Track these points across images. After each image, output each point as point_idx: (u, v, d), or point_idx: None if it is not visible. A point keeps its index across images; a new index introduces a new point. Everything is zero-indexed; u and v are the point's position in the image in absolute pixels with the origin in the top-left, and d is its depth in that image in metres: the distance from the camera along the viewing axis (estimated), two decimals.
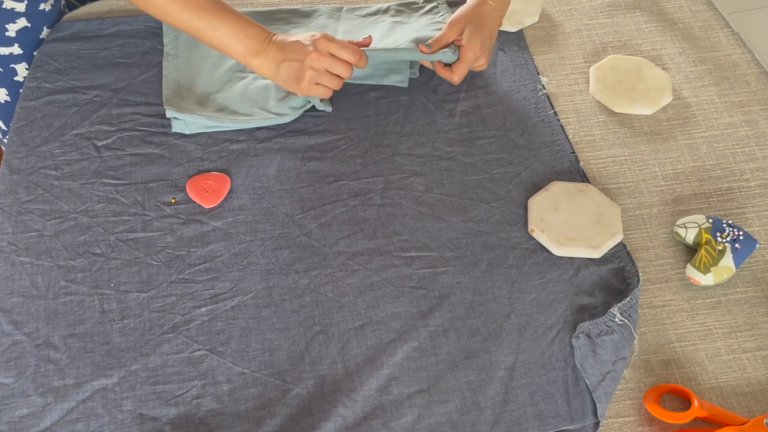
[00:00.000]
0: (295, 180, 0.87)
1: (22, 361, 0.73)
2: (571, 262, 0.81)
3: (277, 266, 0.80)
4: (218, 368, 0.73)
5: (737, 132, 0.94)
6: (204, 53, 0.98)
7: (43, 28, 1.01)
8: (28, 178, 0.87)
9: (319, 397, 0.72)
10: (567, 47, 1.03)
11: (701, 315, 0.78)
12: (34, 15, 0.98)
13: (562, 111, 0.95)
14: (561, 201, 0.85)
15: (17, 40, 0.98)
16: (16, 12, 0.96)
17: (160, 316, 0.76)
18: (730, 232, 0.80)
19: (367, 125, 0.93)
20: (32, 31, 0.99)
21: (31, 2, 0.97)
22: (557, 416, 0.71)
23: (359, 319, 0.77)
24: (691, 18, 1.06)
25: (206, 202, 0.85)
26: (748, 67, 1.01)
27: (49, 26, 1.01)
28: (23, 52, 1.00)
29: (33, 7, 0.98)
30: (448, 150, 0.90)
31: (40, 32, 1.00)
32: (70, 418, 0.70)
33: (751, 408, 0.72)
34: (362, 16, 1.04)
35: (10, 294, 0.78)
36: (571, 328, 0.76)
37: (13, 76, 1.01)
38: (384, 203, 0.85)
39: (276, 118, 0.91)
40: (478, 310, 0.77)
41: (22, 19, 0.97)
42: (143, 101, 0.94)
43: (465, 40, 0.90)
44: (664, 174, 0.89)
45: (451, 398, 0.72)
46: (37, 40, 1.00)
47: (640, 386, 0.73)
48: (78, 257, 0.80)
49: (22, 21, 0.97)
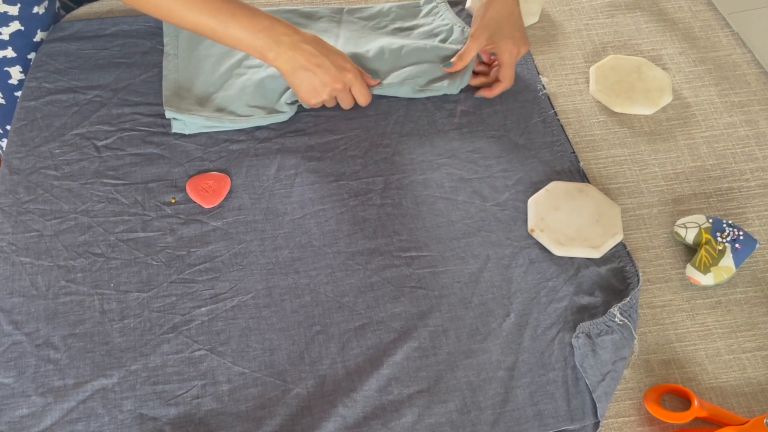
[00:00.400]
0: (295, 180, 0.87)
1: (22, 361, 0.73)
2: (571, 262, 0.81)
3: (277, 266, 0.80)
4: (218, 368, 0.73)
5: (737, 132, 0.94)
6: (204, 53, 0.99)
7: (37, 31, 1.00)
8: (28, 178, 0.87)
9: (319, 397, 0.72)
10: (567, 47, 1.03)
11: (701, 315, 0.78)
12: (28, 18, 0.98)
13: (562, 111, 0.95)
14: (561, 201, 0.85)
15: (11, 43, 0.98)
16: (9, 15, 0.96)
17: (160, 316, 0.76)
18: (730, 232, 0.80)
19: (367, 125, 0.93)
20: (26, 35, 0.99)
21: (25, 5, 0.97)
22: (557, 416, 0.71)
23: (359, 319, 0.77)
24: (691, 18, 1.06)
25: (206, 202, 0.85)
26: (748, 67, 1.01)
27: (43, 29, 1.01)
28: (17, 55, 1.00)
29: (26, 10, 0.97)
30: (448, 150, 0.90)
31: (34, 35, 1.00)
32: (70, 418, 0.70)
33: (751, 408, 0.72)
34: (363, 18, 1.04)
35: (10, 294, 0.78)
36: (571, 328, 0.76)
37: (6, 79, 1.01)
38: (384, 203, 0.85)
39: (274, 117, 0.91)
40: (478, 310, 0.77)
41: (15, 23, 0.97)
42: (143, 101, 0.94)
43: (496, 47, 0.92)
44: (664, 174, 0.89)
45: (451, 398, 0.72)
46: (31, 44, 1.00)
47: (640, 386, 0.73)
48: (78, 257, 0.80)
49: (16, 24, 0.97)
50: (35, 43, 1.01)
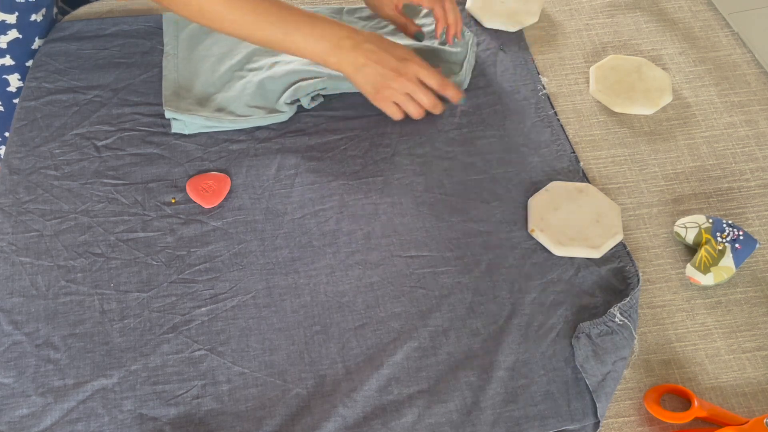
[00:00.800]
0: (295, 180, 0.87)
1: (22, 361, 0.73)
2: (571, 262, 0.81)
3: (276, 266, 0.80)
4: (218, 368, 0.73)
5: (737, 132, 0.94)
6: (204, 53, 0.99)
7: (35, 39, 1.00)
8: (28, 178, 0.87)
9: (319, 397, 0.72)
10: (567, 47, 1.03)
11: (701, 315, 0.78)
12: (26, 26, 0.98)
13: (562, 111, 0.95)
14: (561, 201, 0.85)
15: (9, 51, 0.98)
16: (7, 24, 0.96)
17: (160, 316, 0.76)
18: (730, 232, 0.80)
19: (367, 125, 0.93)
20: (24, 42, 0.99)
21: (23, 13, 0.97)
22: (557, 416, 0.71)
23: (359, 319, 0.77)
24: (691, 18, 1.06)
25: (206, 202, 0.85)
26: (748, 67, 1.01)
27: (41, 36, 1.01)
28: (15, 63, 1.00)
29: (24, 18, 0.97)
30: (448, 150, 0.90)
31: (32, 43, 1.00)
32: (70, 418, 0.70)
33: (751, 408, 0.72)
34: (363, 19, 1.04)
35: (10, 294, 0.78)
36: (571, 328, 0.76)
37: (5, 87, 1.01)
38: (384, 203, 0.85)
39: (274, 117, 0.91)
40: (478, 310, 0.77)
41: (13, 31, 0.97)
42: (143, 101, 0.94)
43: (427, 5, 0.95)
44: (664, 174, 0.89)
45: (451, 398, 0.72)
46: (29, 51, 1.00)
47: (640, 386, 0.73)
48: (78, 257, 0.80)
49: (14, 32, 0.97)
50: (33, 50, 1.00)
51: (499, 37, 1.03)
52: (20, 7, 0.96)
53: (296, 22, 0.85)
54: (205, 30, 1.00)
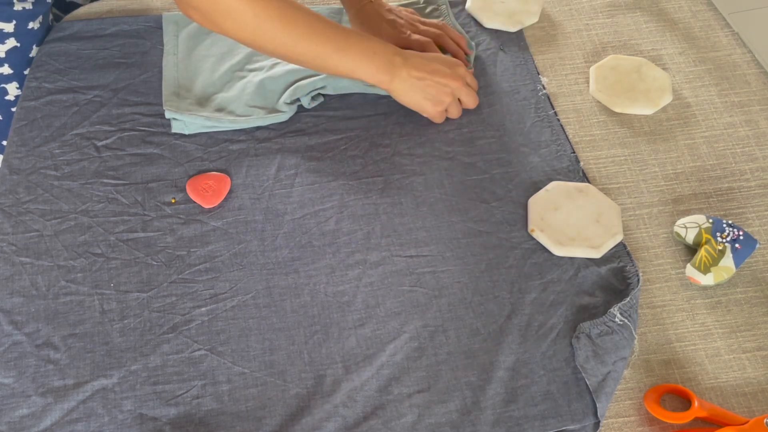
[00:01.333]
0: (295, 180, 0.87)
1: (22, 361, 0.73)
2: (571, 262, 0.81)
3: (276, 266, 0.80)
4: (218, 368, 0.73)
5: (737, 132, 0.94)
6: (204, 53, 0.99)
7: (33, 47, 1.00)
8: (28, 178, 0.87)
9: (319, 397, 0.72)
10: (567, 47, 1.03)
11: (701, 315, 0.78)
12: (23, 34, 0.98)
13: (562, 111, 0.95)
14: (561, 201, 0.85)
15: (7, 60, 0.98)
16: (5, 33, 0.96)
17: (160, 316, 0.76)
18: (730, 232, 0.80)
19: (367, 125, 0.93)
20: (22, 51, 0.99)
21: (20, 22, 0.97)
22: (557, 416, 0.71)
23: (359, 319, 0.77)
24: (691, 18, 1.06)
25: (206, 202, 0.85)
26: (748, 67, 1.01)
27: (38, 44, 1.00)
28: (13, 71, 0.99)
29: (21, 26, 0.97)
30: (448, 150, 0.90)
31: (30, 51, 1.00)
32: (70, 418, 0.70)
33: (751, 408, 0.72)
34: None
35: (10, 294, 0.78)
36: (571, 328, 0.76)
37: (4, 95, 1.01)
38: (384, 203, 0.85)
39: (274, 117, 0.91)
40: (479, 310, 0.77)
41: (11, 39, 0.97)
42: (143, 101, 0.94)
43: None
44: (664, 174, 0.89)
45: (451, 398, 0.72)
46: (27, 59, 1.00)
47: (640, 386, 0.73)
48: (78, 257, 0.80)
49: (12, 41, 0.97)
50: (31, 59, 1.00)
51: (499, 37, 1.03)
52: (17, 16, 0.96)
53: (347, 39, 0.85)
54: (205, 30, 1.00)
